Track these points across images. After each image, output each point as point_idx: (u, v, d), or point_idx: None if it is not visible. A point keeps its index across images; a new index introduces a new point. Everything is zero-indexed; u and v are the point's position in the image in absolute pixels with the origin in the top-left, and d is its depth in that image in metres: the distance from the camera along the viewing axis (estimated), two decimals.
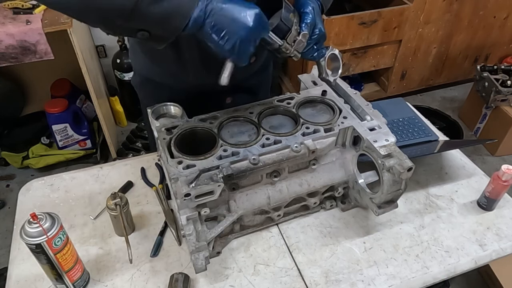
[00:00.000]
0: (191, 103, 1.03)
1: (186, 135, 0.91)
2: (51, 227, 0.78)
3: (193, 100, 1.06)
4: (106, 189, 1.11)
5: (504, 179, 1.01)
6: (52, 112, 2.23)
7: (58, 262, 0.82)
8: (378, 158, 0.87)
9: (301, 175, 0.96)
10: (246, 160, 0.86)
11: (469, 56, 2.91)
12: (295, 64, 2.72)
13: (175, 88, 1.10)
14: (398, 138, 1.15)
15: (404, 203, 1.09)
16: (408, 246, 0.99)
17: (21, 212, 1.07)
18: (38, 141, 2.40)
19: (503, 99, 2.44)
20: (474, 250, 0.98)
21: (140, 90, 1.23)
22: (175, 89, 1.10)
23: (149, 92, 1.19)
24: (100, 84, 2.47)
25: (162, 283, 0.90)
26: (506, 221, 1.05)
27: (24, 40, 1.77)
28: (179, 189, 0.80)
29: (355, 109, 1.00)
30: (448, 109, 2.93)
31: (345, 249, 0.98)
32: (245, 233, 1.00)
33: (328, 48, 0.94)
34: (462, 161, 1.23)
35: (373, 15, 2.34)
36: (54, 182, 1.15)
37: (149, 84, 1.16)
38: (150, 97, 1.16)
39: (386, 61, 2.67)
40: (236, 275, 0.92)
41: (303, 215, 1.05)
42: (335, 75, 0.98)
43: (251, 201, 0.92)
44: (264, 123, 0.96)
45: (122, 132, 2.72)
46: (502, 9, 2.70)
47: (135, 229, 1.02)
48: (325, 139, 0.93)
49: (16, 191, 1.20)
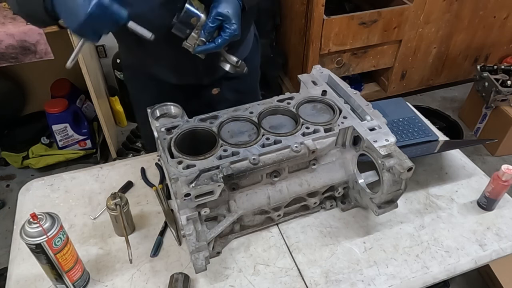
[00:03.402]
0: (180, 96, 1.06)
1: (186, 135, 0.91)
2: (51, 227, 0.78)
3: (181, 93, 1.11)
4: (106, 189, 1.11)
5: (504, 179, 1.01)
6: (52, 112, 2.23)
7: (58, 262, 0.82)
8: (378, 158, 0.87)
9: (301, 175, 0.96)
10: (246, 160, 0.86)
11: (469, 56, 2.91)
12: (295, 64, 2.72)
13: (162, 82, 1.13)
14: (398, 138, 1.15)
15: (404, 203, 1.09)
16: (408, 246, 0.99)
17: (21, 212, 1.07)
18: (38, 141, 2.40)
19: (503, 99, 2.44)
20: (474, 250, 0.98)
21: (129, 85, 1.27)
22: (163, 83, 1.13)
23: (138, 86, 1.23)
24: (100, 84, 2.47)
25: (162, 283, 0.90)
26: (506, 221, 1.05)
27: (24, 40, 1.77)
28: (179, 189, 0.80)
29: (355, 109, 1.00)
30: (448, 109, 2.93)
31: (345, 249, 0.98)
32: (245, 233, 1.00)
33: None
34: (462, 161, 1.23)
35: (373, 15, 2.34)
36: (54, 182, 1.15)
37: (137, 79, 1.20)
38: (140, 91, 1.22)
39: (386, 61, 2.67)
40: (236, 275, 0.92)
41: (303, 215, 1.05)
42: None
43: (251, 201, 0.92)
44: (264, 123, 0.96)
45: (122, 132, 2.72)
46: (502, 9, 2.70)
47: (135, 229, 1.02)
48: (325, 139, 0.93)
49: (16, 191, 1.20)
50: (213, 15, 0.84)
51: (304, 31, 2.41)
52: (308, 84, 1.08)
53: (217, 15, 0.84)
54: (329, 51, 2.42)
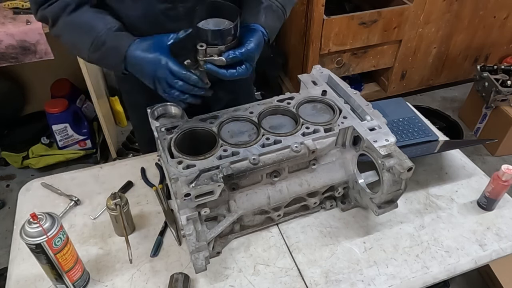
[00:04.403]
0: None
1: (186, 135, 0.91)
2: (51, 227, 0.78)
3: None
4: (106, 189, 1.11)
5: (504, 179, 1.01)
6: (52, 112, 2.23)
7: (58, 262, 0.82)
8: (378, 158, 0.87)
9: (301, 175, 0.96)
10: (246, 160, 0.86)
11: (469, 56, 2.91)
12: (295, 64, 2.72)
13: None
14: (398, 138, 1.15)
15: (404, 203, 1.09)
16: (408, 246, 0.99)
17: (21, 212, 1.07)
18: (38, 141, 2.40)
19: (503, 99, 2.44)
20: (474, 250, 0.98)
21: (122, 86, 1.25)
22: None
23: (131, 88, 1.20)
24: (100, 84, 2.47)
25: (162, 283, 0.90)
26: (506, 221, 1.05)
27: (24, 40, 1.77)
28: (179, 189, 0.80)
29: (355, 109, 1.00)
30: (448, 109, 2.93)
31: (345, 249, 0.98)
32: (245, 233, 1.00)
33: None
34: (462, 161, 1.23)
35: (373, 15, 2.34)
36: (54, 182, 1.15)
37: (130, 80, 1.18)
38: (133, 93, 1.19)
39: (386, 61, 2.67)
40: (236, 275, 0.92)
41: (303, 215, 1.05)
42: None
43: (251, 201, 0.92)
44: (264, 123, 0.96)
45: (122, 132, 2.72)
46: (502, 9, 2.70)
47: (135, 229, 1.02)
48: (325, 139, 0.93)
49: (16, 191, 1.20)
50: (248, 49, 0.83)
51: (304, 31, 2.41)
52: (308, 84, 1.08)
53: (249, 52, 0.83)
54: (329, 51, 2.42)
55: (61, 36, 0.95)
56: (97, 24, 0.89)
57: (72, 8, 0.90)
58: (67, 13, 0.90)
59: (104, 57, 0.90)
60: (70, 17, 0.90)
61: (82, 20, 0.91)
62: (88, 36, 0.89)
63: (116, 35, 0.89)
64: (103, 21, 0.90)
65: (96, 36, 0.88)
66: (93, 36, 0.88)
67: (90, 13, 0.91)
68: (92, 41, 0.89)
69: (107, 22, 0.90)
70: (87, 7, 0.92)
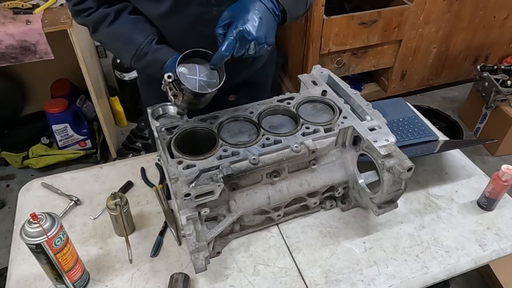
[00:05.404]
0: None
1: (186, 135, 0.91)
2: (51, 227, 0.78)
3: None
4: (106, 189, 1.11)
5: (504, 179, 1.01)
6: (52, 112, 2.23)
7: (58, 262, 0.82)
8: (378, 158, 0.87)
9: (301, 175, 0.96)
10: (246, 160, 0.86)
11: (469, 56, 2.91)
12: (295, 64, 2.72)
13: None
14: (398, 138, 1.15)
15: (404, 203, 1.09)
16: (408, 246, 0.99)
17: (21, 212, 1.07)
18: (38, 141, 2.40)
19: (503, 99, 2.44)
20: (474, 250, 0.98)
21: (143, 89, 1.25)
22: None
23: (152, 90, 1.19)
24: (100, 84, 2.47)
25: (162, 283, 0.90)
26: (506, 221, 1.05)
27: (24, 40, 1.77)
28: (179, 189, 0.80)
29: (355, 109, 1.00)
30: (448, 109, 2.93)
31: (345, 249, 0.98)
32: (245, 233, 1.00)
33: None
34: (462, 161, 1.23)
35: (373, 15, 2.34)
36: (54, 182, 1.15)
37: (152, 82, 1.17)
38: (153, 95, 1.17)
39: (386, 61, 2.67)
40: (236, 275, 0.92)
41: (303, 215, 1.05)
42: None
43: (251, 201, 0.92)
44: (264, 123, 0.96)
45: (122, 132, 2.72)
46: (502, 9, 2.70)
47: (135, 229, 1.02)
48: (325, 139, 0.93)
49: (16, 191, 1.20)
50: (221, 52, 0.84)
51: (304, 31, 2.41)
52: (308, 84, 1.08)
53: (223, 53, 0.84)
54: (329, 51, 2.42)
55: (104, 44, 1.05)
56: (137, 37, 0.95)
57: (111, 18, 0.95)
58: (107, 23, 0.95)
59: (146, 67, 0.98)
60: (110, 28, 0.96)
61: (122, 32, 0.97)
62: (130, 48, 0.96)
63: (156, 49, 0.95)
64: (142, 34, 0.95)
65: (137, 49, 0.95)
66: (135, 49, 0.95)
67: (129, 23, 0.96)
68: (134, 53, 0.96)
69: (147, 34, 0.95)
70: (126, 15, 0.97)
